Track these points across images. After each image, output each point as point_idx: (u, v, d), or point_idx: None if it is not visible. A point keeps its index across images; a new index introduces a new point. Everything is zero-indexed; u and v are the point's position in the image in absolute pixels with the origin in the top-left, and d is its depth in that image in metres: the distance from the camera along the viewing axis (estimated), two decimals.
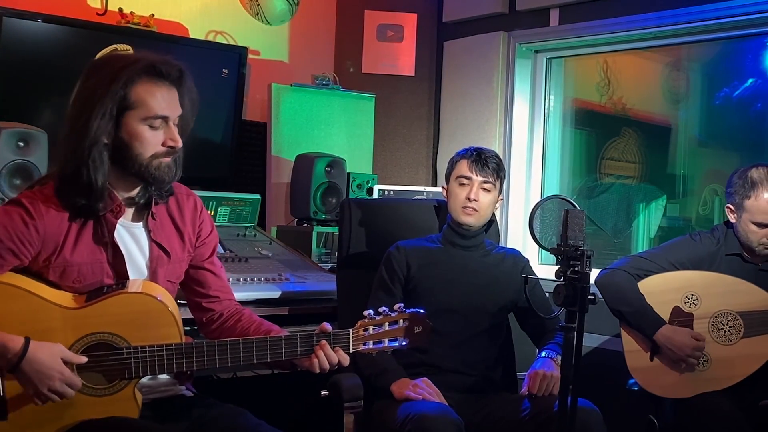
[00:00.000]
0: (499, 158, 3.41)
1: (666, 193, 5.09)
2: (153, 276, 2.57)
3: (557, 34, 4.89)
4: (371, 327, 2.57)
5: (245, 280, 3.73)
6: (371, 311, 2.58)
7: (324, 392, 3.09)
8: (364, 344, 2.56)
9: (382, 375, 3.13)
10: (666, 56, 5.06)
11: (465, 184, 3.34)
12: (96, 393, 2.37)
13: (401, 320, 2.59)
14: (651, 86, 5.22)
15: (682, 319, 3.40)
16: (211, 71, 4.57)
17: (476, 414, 3.12)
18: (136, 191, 2.54)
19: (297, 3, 4.87)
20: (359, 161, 5.13)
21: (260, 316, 3.60)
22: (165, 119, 2.45)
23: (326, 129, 5.08)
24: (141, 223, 2.58)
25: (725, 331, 3.37)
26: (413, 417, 2.82)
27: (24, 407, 2.32)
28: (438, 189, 4.79)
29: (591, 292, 2.39)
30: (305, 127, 5.01)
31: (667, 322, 3.40)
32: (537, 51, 5.12)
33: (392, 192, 4.83)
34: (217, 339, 2.50)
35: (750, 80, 4.79)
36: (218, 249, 3.84)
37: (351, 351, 2.56)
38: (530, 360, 3.28)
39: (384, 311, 2.58)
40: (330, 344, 2.53)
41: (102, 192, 2.41)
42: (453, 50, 5.31)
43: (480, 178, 3.32)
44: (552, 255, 2.54)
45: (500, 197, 3.44)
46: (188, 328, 2.97)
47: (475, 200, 3.30)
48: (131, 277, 2.51)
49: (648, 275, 3.50)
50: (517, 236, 5.07)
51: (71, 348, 2.34)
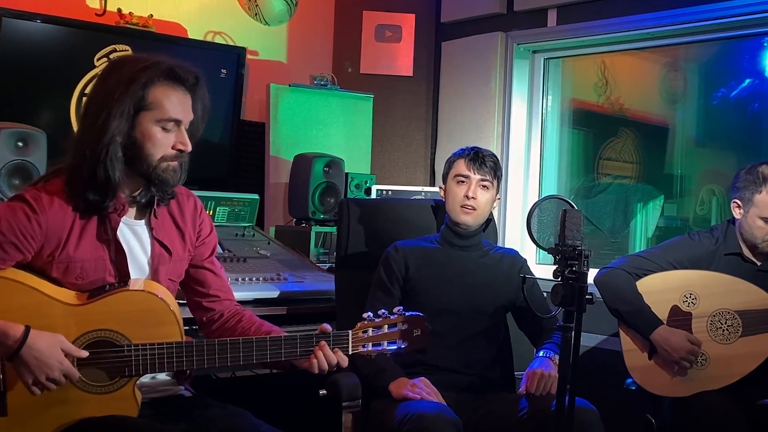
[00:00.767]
0: (496, 158, 3.42)
1: (663, 193, 5.09)
2: (155, 274, 2.59)
3: (555, 35, 4.89)
4: (370, 329, 2.58)
5: (244, 280, 3.73)
6: (370, 313, 2.59)
7: (322, 392, 3.09)
8: (363, 346, 2.57)
9: (381, 375, 3.13)
10: (663, 56, 5.07)
11: (463, 183, 3.34)
12: (96, 390, 2.38)
13: (400, 323, 2.60)
14: (648, 86, 5.23)
15: (681, 318, 3.41)
16: (210, 71, 4.50)
17: (474, 413, 3.12)
18: (139, 191, 2.56)
19: (295, 3, 4.87)
20: (357, 161, 5.13)
21: (259, 316, 3.61)
22: (178, 123, 2.48)
23: (324, 129, 5.09)
24: (143, 221, 2.60)
25: (723, 330, 3.37)
26: (411, 416, 2.83)
27: (24, 403, 2.33)
28: (436, 189, 4.81)
29: (589, 292, 2.39)
30: (304, 128, 5.01)
31: (666, 322, 3.40)
32: (535, 51, 5.12)
33: (390, 192, 4.83)
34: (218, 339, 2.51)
35: (747, 80, 4.80)
36: (217, 249, 3.86)
37: (350, 353, 2.57)
38: (528, 359, 3.28)
39: (383, 314, 2.59)
40: (329, 345, 2.54)
41: (115, 189, 2.44)
42: (451, 50, 5.32)
43: (478, 176, 3.32)
44: (550, 255, 2.54)
45: (498, 197, 3.44)
46: (188, 328, 2.99)
47: (474, 198, 3.31)
48: (133, 275, 2.53)
49: (646, 274, 3.50)
50: (515, 236, 5.07)
51: (73, 344, 2.34)
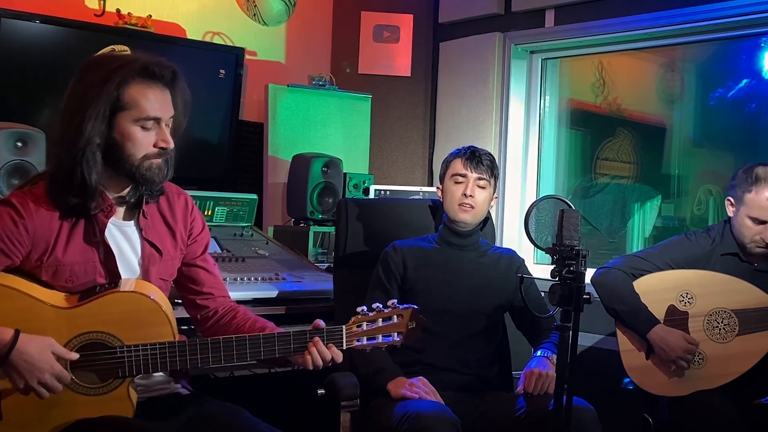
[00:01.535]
0: (493, 157, 3.43)
1: (661, 193, 5.10)
2: (145, 274, 2.58)
3: (552, 35, 4.90)
4: (364, 323, 2.56)
5: (242, 280, 3.73)
6: (364, 308, 2.58)
7: (321, 391, 3.08)
8: (358, 340, 2.56)
9: (379, 374, 3.13)
10: (661, 57, 5.08)
11: (460, 182, 3.35)
12: (90, 392, 2.38)
13: (394, 316, 2.58)
14: (646, 87, 5.24)
15: (677, 318, 3.41)
16: (209, 72, 4.58)
17: (472, 413, 3.13)
18: (127, 191, 2.55)
19: (293, 4, 4.88)
20: (356, 161, 5.14)
21: (259, 315, 3.63)
22: (157, 120, 2.45)
23: (323, 129, 5.09)
24: (132, 222, 2.58)
25: (720, 329, 3.38)
26: (410, 416, 2.83)
27: (19, 406, 2.32)
28: (433, 189, 4.81)
29: (586, 292, 2.39)
30: (302, 128, 5.01)
31: (663, 321, 3.41)
32: (532, 52, 5.13)
33: (388, 192, 4.84)
34: (212, 336, 2.50)
35: (744, 81, 4.81)
36: (215, 249, 3.86)
37: (344, 347, 2.55)
38: (526, 359, 3.29)
39: (377, 307, 2.57)
40: (323, 341, 2.53)
41: (95, 191, 2.42)
42: (449, 51, 5.32)
43: (475, 175, 3.33)
44: (547, 254, 2.55)
45: (495, 195, 3.45)
46: (184, 327, 2.99)
47: (471, 196, 3.32)
48: (124, 276, 2.52)
49: (643, 274, 3.51)
50: (513, 236, 5.07)
51: (65, 347, 2.34)
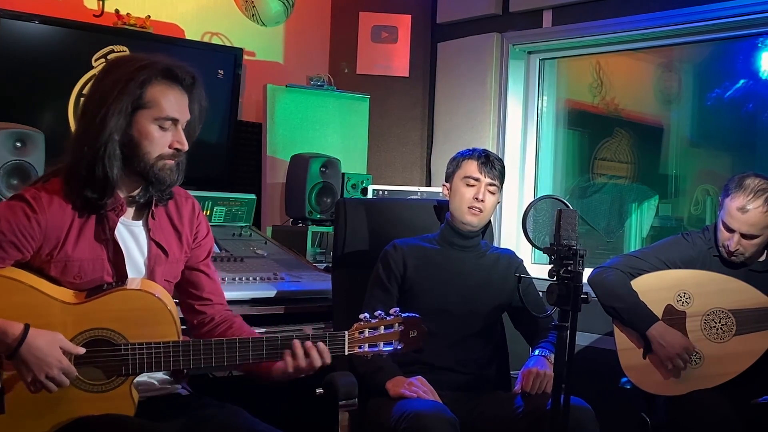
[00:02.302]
0: (503, 163, 3.44)
1: (658, 193, 5.11)
2: (151, 275, 2.59)
3: (550, 36, 4.91)
4: (367, 330, 2.57)
5: (241, 280, 3.74)
6: (367, 314, 2.58)
7: (319, 390, 3.08)
8: (360, 347, 2.56)
9: (377, 373, 3.13)
10: (658, 57, 5.09)
11: (472, 185, 3.34)
12: (93, 389, 2.39)
13: (396, 324, 2.59)
14: (643, 87, 5.25)
15: (675, 318, 3.42)
16: (207, 72, 4.55)
17: (470, 412, 3.14)
18: (138, 191, 2.57)
19: (292, 4, 4.89)
20: (354, 161, 5.14)
21: (256, 316, 3.64)
22: (175, 121, 2.49)
23: (321, 129, 5.09)
24: (141, 222, 2.60)
25: (717, 329, 3.39)
26: (408, 415, 2.83)
27: (22, 401, 2.33)
28: (431, 189, 4.83)
29: (584, 291, 2.40)
30: (300, 128, 5.02)
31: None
32: (530, 52, 5.14)
33: (386, 192, 4.85)
34: None
35: (741, 81, 4.82)
36: (214, 248, 3.87)
37: (346, 353, 2.56)
38: (523, 358, 3.29)
39: (380, 315, 2.58)
40: (326, 345, 2.54)
41: (113, 187, 2.45)
42: (447, 51, 5.33)
43: (488, 180, 3.33)
44: (545, 254, 2.55)
45: (499, 200, 3.46)
46: (183, 327, 3.00)
47: (482, 201, 3.32)
48: (130, 275, 2.53)
49: (640, 274, 3.52)
50: (511, 236, 5.08)
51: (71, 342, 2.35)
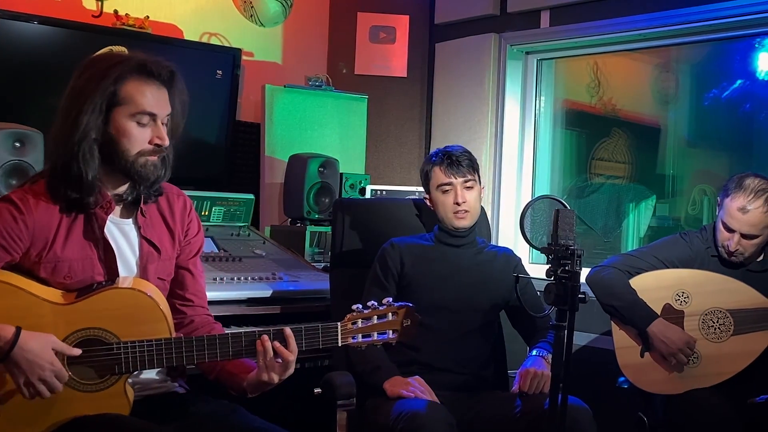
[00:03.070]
0: (469, 152, 3.41)
1: (655, 193, 5.11)
2: (143, 272, 2.58)
3: (548, 36, 4.91)
4: (360, 320, 2.55)
5: (239, 279, 3.75)
6: (359, 305, 2.57)
7: (317, 390, 3.09)
8: (353, 338, 2.54)
9: (375, 373, 3.14)
10: (655, 58, 5.09)
11: (448, 191, 3.34)
12: (87, 388, 2.39)
13: (390, 313, 2.57)
14: (640, 87, 5.25)
15: (673, 317, 3.43)
16: (206, 72, 4.58)
17: (468, 412, 3.14)
18: (124, 188, 2.56)
19: (290, 5, 4.89)
20: (352, 161, 5.15)
21: (254, 315, 3.64)
22: (153, 117, 2.47)
23: (319, 130, 5.10)
24: (130, 220, 2.60)
25: (715, 329, 3.39)
26: (405, 415, 2.84)
27: (16, 403, 2.33)
28: None
29: (581, 291, 2.40)
30: (298, 128, 5.02)
31: None
32: (528, 52, 5.14)
33: (385, 192, 4.85)
34: None
35: (738, 81, 4.82)
36: (212, 248, 3.87)
37: (340, 344, 2.54)
38: (521, 358, 3.30)
39: (372, 305, 2.57)
40: (319, 337, 2.52)
41: (92, 186, 2.43)
42: (445, 52, 5.34)
43: (460, 180, 3.32)
44: (543, 254, 2.55)
45: (482, 186, 3.44)
46: None
47: (464, 202, 3.32)
48: (122, 274, 2.53)
49: (638, 273, 3.53)
50: (509, 236, 5.08)
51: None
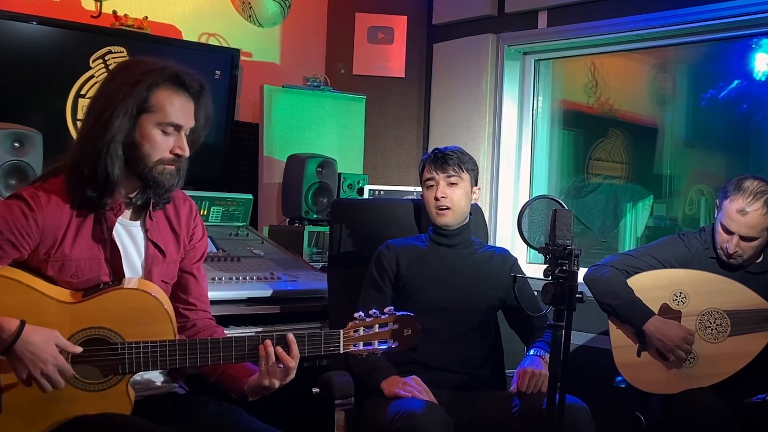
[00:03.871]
0: (461, 151, 3.42)
1: (653, 193, 5.12)
2: (148, 275, 2.60)
3: (545, 36, 4.92)
4: (361, 328, 2.57)
5: (237, 279, 3.75)
6: (362, 313, 2.59)
7: (315, 390, 3.10)
8: (355, 345, 2.57)
9: (373, 373, 3.15)
10: (653, 58, 5.09)
11: (431, 186, 3.37)
12: (90, 388, 2.40)
13: (391, 322, 2.60)
14: (638, 88, 5.26)
15: (670, 317, 3.43)
16: (204, 73, 4.46)
17: (466, 411, 3.15)
18: (135, 192, 2.58)
19: (288, 5, 4.90)
20: (350, 162, 5.16)
21: (252, 315, 3.65)
22: (178, 128, 2.51)
23: (317, 130, 5.11)
24: (138, 223, 2.62)
25: (712, 329, 3.40)
26: (402, 415, 2.85)
27: (19, 400, 2.34)
28: None
29: (579, 291, 2.41)
30: (297, 128, 5.03)
31: None
32: (525, 53, 5.15)
33: (383, 192, 4.86)
34: None
35: (735, 81, 4.83)
36: (211, 248, 3.87)
37: (341, 352, 2.57)
38: (519, 358, 3.30)
39: (374, 313, 2.59)
40: (321, 345, 2.54)
41: (114, 186, 2.46)
42: (443, 52, 5.34)
43: (443, 176, 3.33)
44: (540, 254, 2.56)
45: (475, 188, 3.44)
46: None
47: (444, 197, 3.33)
48: (127, 275, 2.54)
49: (636, 272, 3.53)
50: (506, 236, 5.09)
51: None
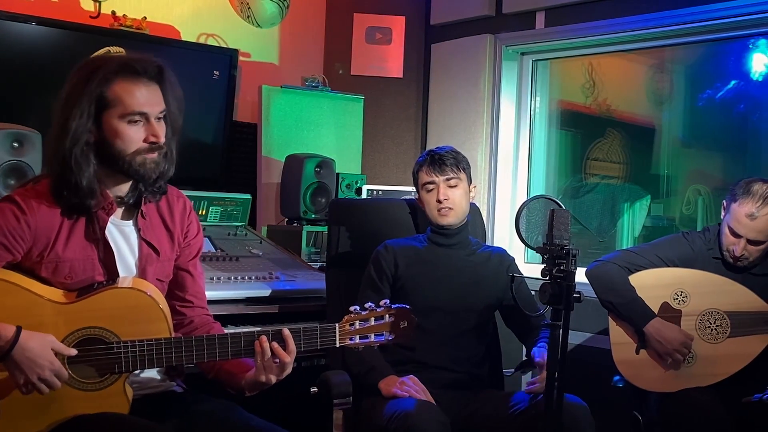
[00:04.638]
0: (456, 151, 3.44)
1: (650, 193, 5.13)
2: (142, 274, 2.59)
3: (543, 37, 4.92)
4: (357, 322, 2.57)
5: (236, 279, 3.76)
6: (357, 307, 2.59)
7: (313, 389, 3.10)
8: (351, 339, 2.57)
9: (371, 373, 3.16)
10: (650, 58, 5.10)
11: (431, 190, 3.38)
12: (87, 387, 2.40)
13: (387, 315, 2.60)
14: (635, 88, 5.27)
15: (670, 316, 3.44)
16: (203, 73, 4.59)
17: (463, 410, 3.16)
18: (126, 190, 2.57)
19: (287, 6, 4.91)
20: (348, 162, 5.16)
21: (251, 314, 3.65)
22: (144, 115, 2.47)
23: (316, 130, 5.11)
24: (131, 222, 2.61)
25: (712, 330, 3.40)
26: (399, 414, 2.86)
27: (16, 402, 2.35)
28: None
29: (576, 291, 2.42)
30: (295, 128, 5.04)
31: None
32: (523, 53, 5.15)
33: (381, 192, 4.86)
34: None
35: (732, 82, 4.84)
36: (210, 248, 3.88)
37: (338, 345, 2.57)
38: (517, 357, 3.31)
39: (370, 306, 2.59)
40: (317, 339, 2.55)
41: (90, 191, 2.44)
42: (440, 52, 5.35)
43: (442, 178, 3.36)
44: (538, 254, 2.57)
45: (472, 186, 3.47)
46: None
47: (446, 199, 3.34)
48: (121, 275, 2.54)
49: (638, 270, 3.54)
50: (504, 236, 5.10)
51: (63, 342, 2.36)
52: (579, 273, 2.68)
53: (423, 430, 2.80)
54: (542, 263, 2.52)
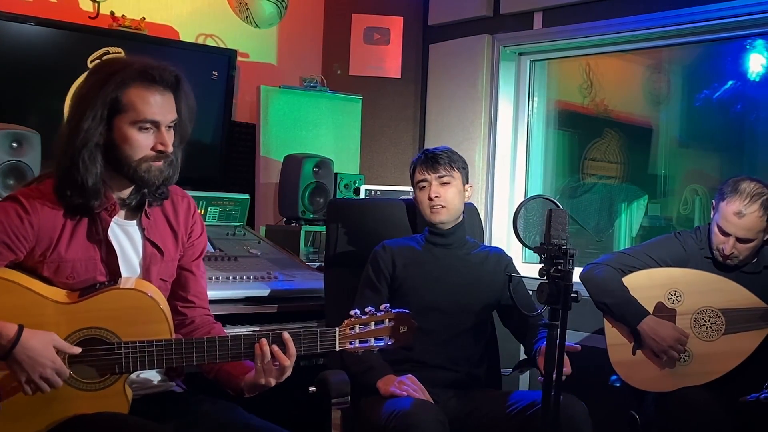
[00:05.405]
0: (451, 151, 3.44)
1: (647, 193, 5.14)
2: (146, 274, 2.60)
3: (541, 37, 4.93)
4: (357, 326, 2.57)
5: (234, 279, 3.76)
6: (357, 310, 2.59)
7: (312, 388, 3.10)
8: (351, 343, 2.57)
9: (369, 372, 3.16)
10: (647, 59, 5.11)
11: (424, 188, 3.39)
12: (87, 387, 2.41)
13: (387, 320, 2.60)
14: (633, 88, 5.27)
15: (665, 315, 3.44)
16: (201, 73, 4.59)
17: (461, 410, 3.17)
18: (129, 192, 2.57)
19: (285, 6, 4.91)
20: (346, 162, 5.16)
21: (249, 314, 3.66)
22: (156, 124, 2.47)
23: (314, 130, 5.11)
24: (135, 222, 2.61)
25: (707, 328, 3.41)
26: (397, 414, 2.86)
27: (17, 400, 2.35)
28: None
29: (574, 290, 2.42)
30: (293, 128, 5.04)
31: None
32: (521, 54, 5.16)
33: (379, 192, 4.86)
34: None
35: (730, 82, 4.84)
36: (208, 248, 3.88)
37: (338, 349, 2.56)
38: (515, 357, 3.31)
39: (370, 311, 2.59)
40: (317, 342, 2.55)
41: (95, 191, 2.45)
42: (438, 53, 5.36)
43: (434, 176, 3.36)
44: (535, 254, 2.58)
45: (467, 185, 3.47)
46: None
47: (437, 197, 3.35)
48: (125, 275, 2.54)
49: (631, 271, 3.54)
50: (502, 235, 5.11)
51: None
52: (576, 273, 2.69)
53: (421, 429, 2.80)
54: (540, 263, 2.52)
